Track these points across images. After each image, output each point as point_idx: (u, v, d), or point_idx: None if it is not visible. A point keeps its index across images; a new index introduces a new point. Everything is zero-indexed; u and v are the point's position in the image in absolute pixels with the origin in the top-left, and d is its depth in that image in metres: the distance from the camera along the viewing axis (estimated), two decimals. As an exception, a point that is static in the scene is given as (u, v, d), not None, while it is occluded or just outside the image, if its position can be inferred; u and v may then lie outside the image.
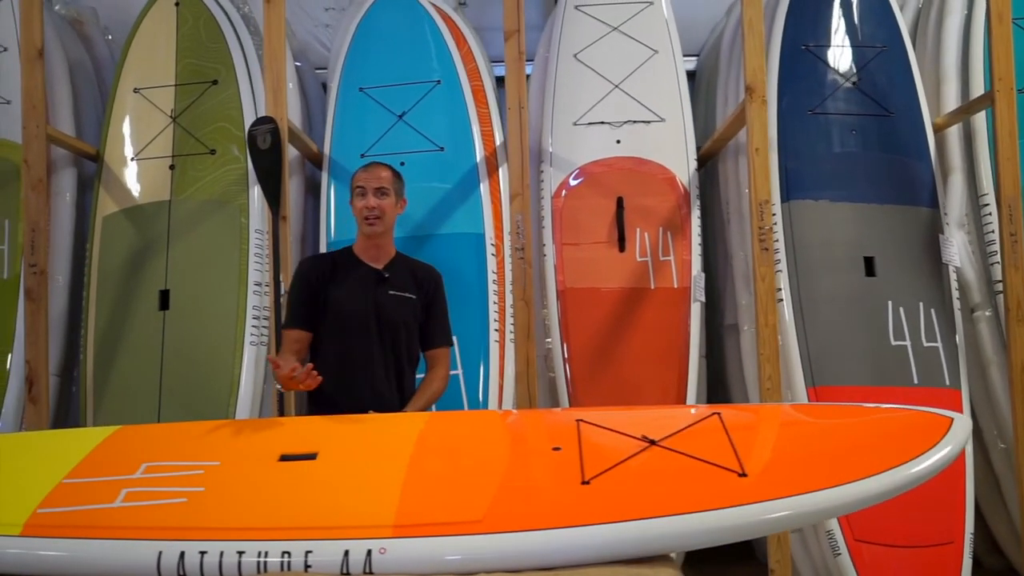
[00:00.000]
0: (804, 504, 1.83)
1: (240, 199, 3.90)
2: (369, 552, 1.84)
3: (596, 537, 1.87)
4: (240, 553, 1.86)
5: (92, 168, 4.19)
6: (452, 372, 3.80)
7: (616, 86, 4.20)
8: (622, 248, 4.05)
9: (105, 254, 3.91)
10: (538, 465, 2.15)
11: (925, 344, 3.72)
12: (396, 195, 3.00)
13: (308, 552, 1.85)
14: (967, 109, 3.92)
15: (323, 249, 4.00)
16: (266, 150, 3.53)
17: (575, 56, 4.26)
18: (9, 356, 3.74)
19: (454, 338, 3.55)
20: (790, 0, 4.18)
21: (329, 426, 2.49)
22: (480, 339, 3.81)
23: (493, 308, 3.88)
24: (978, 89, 4.09)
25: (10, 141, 3.92)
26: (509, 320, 3.91)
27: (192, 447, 2.33)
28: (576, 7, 4.34)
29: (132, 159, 4.02)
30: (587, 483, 1.99)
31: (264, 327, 3.78)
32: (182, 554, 1.87)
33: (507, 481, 2.05)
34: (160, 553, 1.88)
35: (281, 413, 3.49)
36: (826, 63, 4.10)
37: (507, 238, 4.05)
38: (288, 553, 1.85)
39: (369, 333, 2.97)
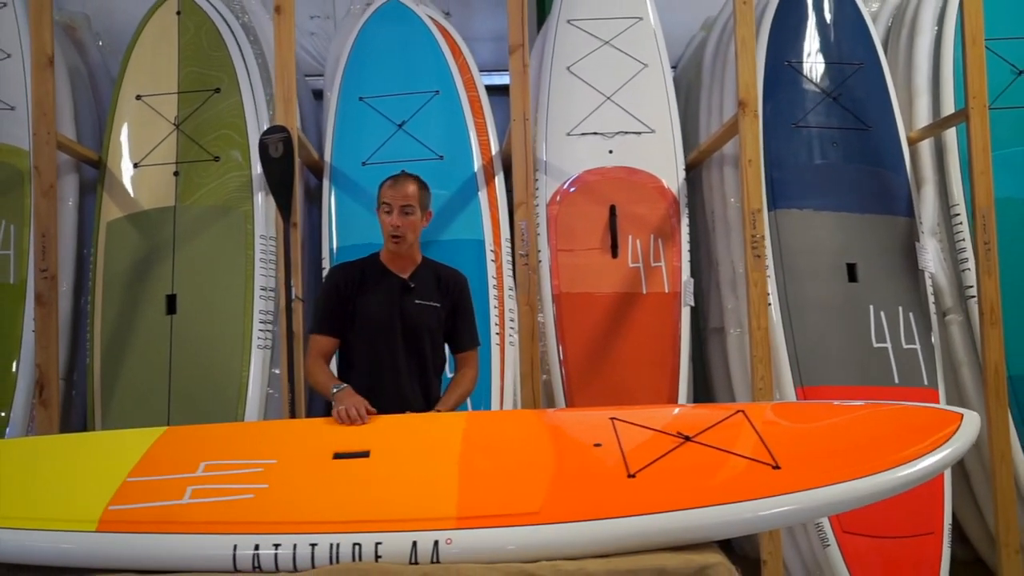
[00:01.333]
0: (841, 493, 1.99)
1: (245, 205, 3.98)
2: (436, 543, 1.95)
3: (647, 526, 2.00)
4: (313, 545, 1.96)
5: (91, 173, 4.23)
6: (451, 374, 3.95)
7: (608, 98, 4.35)
8: (615, 254, 4.20)
9: (110, 259, 3.95)
10: (584, 460, 2.28)
11: (905, 346, 3.93)
12: (422, 210, 3.05)
13: (378, 543, 1.95)
14: (941, 124, 4.15)
15: (324, 255, 4.09)
16: (278, 158, 3.60)
17: (568, 69, 4.40)
18: (15, 360, 3.76)
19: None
20: (773, 17, 4.37)
21: (373, 426, 2.59)
22: (484, 341, 3.91)
23: (493, 312, 4.00)
24: (948, 104, 4.33)
25: (13, 146, 3.95)
26: (508, 324, 4.04)
27: (246, 446, 2.42)
28: (568, 21, 4.48)
29: (136, 165, 4.06)
30: (633, 476, 2.13)
31: (270, 331, 3.86)
32: (256, 547, 1.96)
33: (558, 475, 2.18)
34: (235, 546, 1.97)
35: (293, 416, 3.57)
36: (808, 78, 4.30)
37: (504, 244, 4.18)
38: (359, 544, 1.95)
39: (395, 342, 3.04)
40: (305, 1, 3.81)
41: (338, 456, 2.31)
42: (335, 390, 2.82)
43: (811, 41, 4.38)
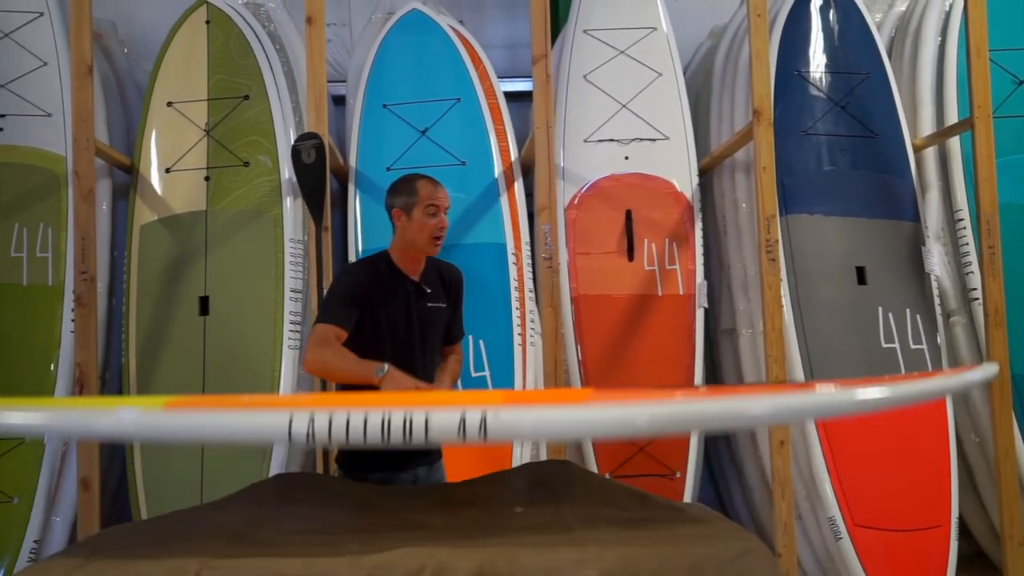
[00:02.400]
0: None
1: (274, 209, 4.10)
2: (483, 417, 1.92)
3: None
4: (365, 417, 2.02)
5: (122, 177, 4.35)
6: (480, 373, 4.08)
7: (624, 106, 4.48)
8: (631, 257, 4.34)
9: (144, 261, 4.07)
10: None
11: (912, 346, 4.09)
12: None
13: (427, 417, 1.94)
14: (946, 132, 4.31)
15: (351, 258, 4.20)
16: (311, 164, 3.73)
17: (584, 77, 4.53)
18: (55, 359, 3.88)
19: (481, 341, 3.82)
20: (783, 29, 4.51)
21: None
22: (506, 343, 4.06)
23: (515, 314, 4.14)
24: (952, 112, 4.48)
25: (51, 152, 4.06)
26: (529, 325, 4.18)
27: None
28: (584, 31, 4.61)
29: (167, 170, 4.18)
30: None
31: (299, 332, 3.98)
32: (312, 419, 1.98)
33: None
34: (291, 418, 2.06)
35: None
36: (816, 88, 4.45)
37: (525, 247, 4.31)
38: (410, 418, 1.93)
39: (412, 342, 3.06)
40: None
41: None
42: (379, 373, 2.75)
43: (819, 52, 4.53)
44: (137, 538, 2.23)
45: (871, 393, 1.86)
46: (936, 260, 4.29)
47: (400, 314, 3.01)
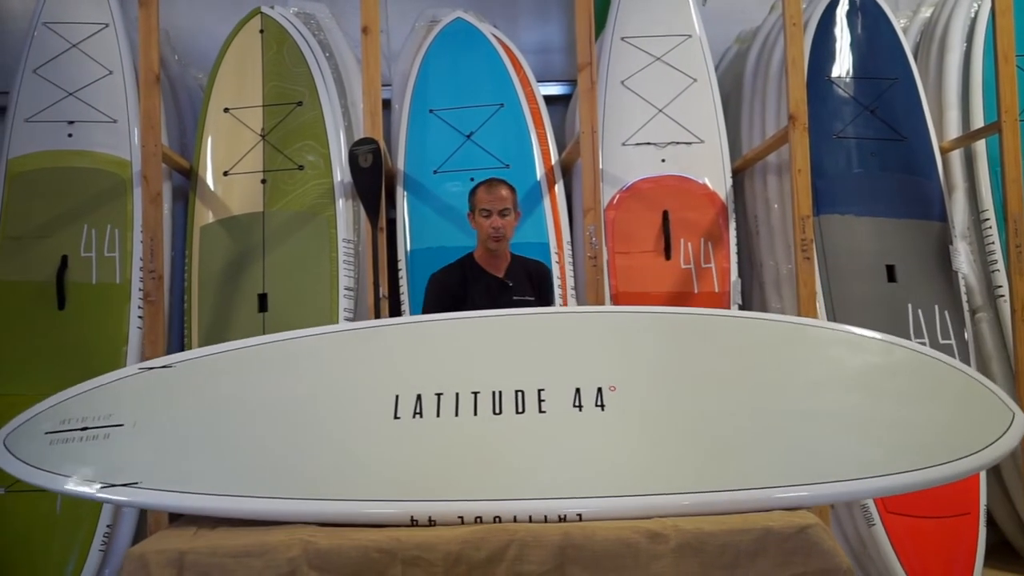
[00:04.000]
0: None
1: (328, 211, 4.28)
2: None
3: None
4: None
5: (179, 180, 4.54)
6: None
7: (660, 110, 4.66)
8: (668, 256, 4.51)
9: (205, 261, 4.26)
10: None
11: (941, 342, 4.24)
12: (515, 210, 3.39)
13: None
14: (974, 136, 4.47)
15: (400, 257, 4.38)
16: (367, 168, 3.91)
17: (622, 83, 4.71)
18: (123, 356, 4.06)
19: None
20: (814, 36, 4.68)
21: None
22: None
23: (559, 311, 4.31)
24: (977, 116, 4.65)
25: (117, 156, 4.25)
26: (571, 321, 4.35)
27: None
28: (622, 39, 4.79)
29: (225, 174, 4.37)
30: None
31: (352, 327, 4.16)
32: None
33: None
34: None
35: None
36: (846, 93, 4.61)
37: (566, 247, 4.49)
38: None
39: None
40: (357, 17, 4.13)
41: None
42: None
43: (849, 58, 4.69)
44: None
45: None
46: (963, 258, 4.45)
47: (484, 307, 3.21)
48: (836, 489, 2.26)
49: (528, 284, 3.43)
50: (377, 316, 3.92)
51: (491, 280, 3.37)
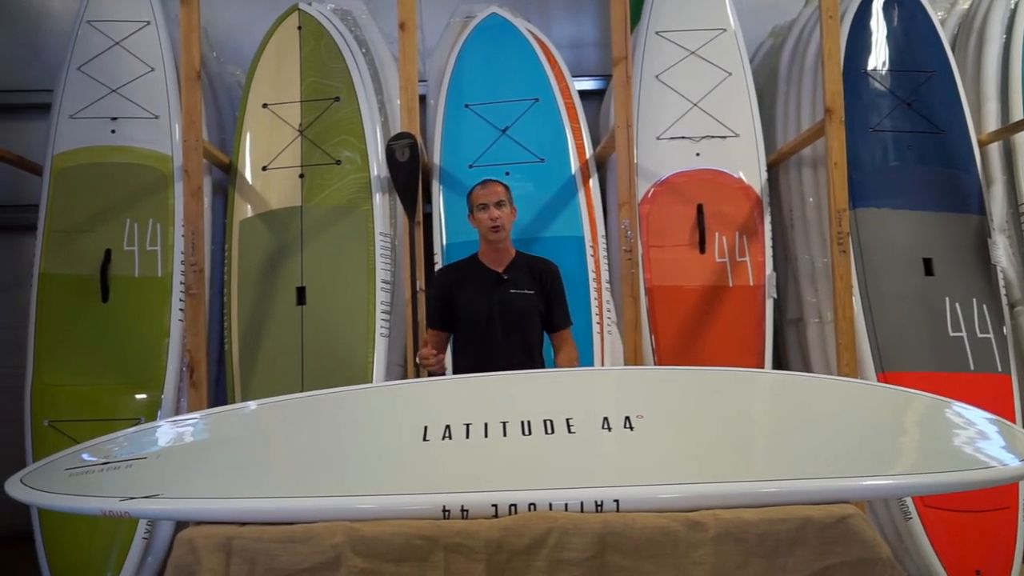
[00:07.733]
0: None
1: (365, 205, 4.33)
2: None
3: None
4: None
5: (218, 174, 4.61)
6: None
7: (695, 104, 4.66)
8: (703, 250, 4.51)
9: (244, 254, 4.33)
10: None
11: (979, 335, 4.22)
12: (510, 204, 3.47)
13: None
14: (1013, 128, 4.43)
15: (436, 251, 4.42)
16: (405, 162, 3.96)
17: (657, 77, 4.72)
18: (165, 347, 4.14)
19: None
20: (850, 30, 4.66)
21: None
22: (585, 331, 4.25)
23: (593, 304, 4.33)
24: (1017, 108, 4.61)
25: (158, 152, 4.33)
26: (606, 314, 4.37)
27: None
28: (657, 33, 4.79)
29: (264, 168, 4.43)
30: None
31: (389, 320, 4.21)
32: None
33: None
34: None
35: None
36: (883, 86, 4.59)
37: (601, 240, 4.51)
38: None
39: (495, 326, 3.44)
40: (393, 13, 4.17)
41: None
42: None
43: (886, 51, 4.67)
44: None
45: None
46: (1002, 252, 4.41)
47: (481, 300, 3.46)
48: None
49: (528, 278, 3.50)
50: (414, 310, 3.96)
51: (490, 274, 3.48)
